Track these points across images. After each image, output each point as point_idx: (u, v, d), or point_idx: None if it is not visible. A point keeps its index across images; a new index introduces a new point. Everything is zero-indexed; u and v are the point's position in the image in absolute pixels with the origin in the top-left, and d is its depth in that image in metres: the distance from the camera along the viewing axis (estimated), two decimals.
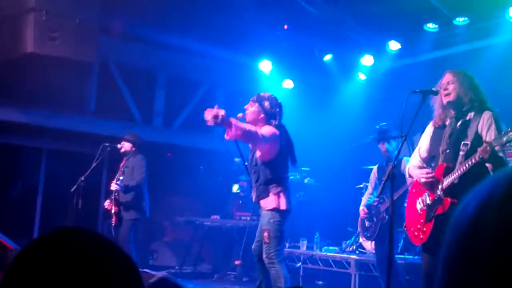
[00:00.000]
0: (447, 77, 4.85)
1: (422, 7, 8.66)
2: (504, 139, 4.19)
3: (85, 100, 10.45)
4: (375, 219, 7.38)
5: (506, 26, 8.36)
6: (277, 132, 5.92)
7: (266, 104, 6.06)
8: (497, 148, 4.38)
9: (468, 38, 9.00)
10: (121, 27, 10.11)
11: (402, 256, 7.63)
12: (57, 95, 9.68)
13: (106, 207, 8.66)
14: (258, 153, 5.96)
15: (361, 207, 7.67)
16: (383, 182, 4.89)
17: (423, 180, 4.78)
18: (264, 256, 5.79)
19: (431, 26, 9.11)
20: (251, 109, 6.07)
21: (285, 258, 6.02)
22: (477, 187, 0.79)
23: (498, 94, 8.38)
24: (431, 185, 4.72)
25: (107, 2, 9.16)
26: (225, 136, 5.74)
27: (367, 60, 10.45)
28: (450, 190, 4.55)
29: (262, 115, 6.04)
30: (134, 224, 8.60)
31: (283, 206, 5.81)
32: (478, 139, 4.53)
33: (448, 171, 4.60)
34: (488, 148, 4.26)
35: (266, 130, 5.88)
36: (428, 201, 4.77)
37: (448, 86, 4.78)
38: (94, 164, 8.66)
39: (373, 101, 10.70)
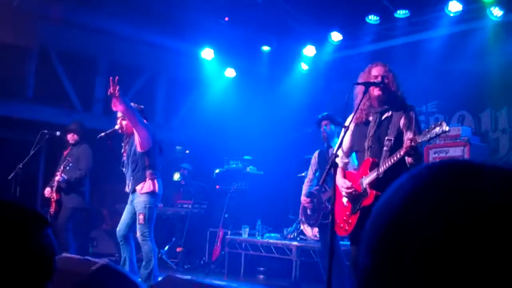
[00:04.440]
0: (380, 69, 4.84)
1: None
2: (428, 136, 4.32)
3: (23, 86, 10.16)
4: (317, 207, 7.47)
5: (445, 19, 8.61)
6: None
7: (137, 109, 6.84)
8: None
9: (408, 31, 9.22)
10: (61, 13, 9.86)
11: (342, 242, 7.77)
12: None
13: (46, 195, 8.49)
14: (137, 143, 6.76)
15: (303, 197, 7.73)
16: (325, 172, 4.95)
17: (343, 193, 4.89)
18: (138, 234, 6.71)
19: (372, 18, 9.28)
20: (124, 122, 6.86)
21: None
22: (399, 180, 0.85)
23: (436, 86, 8.67)
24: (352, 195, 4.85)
25: None
26: (112, 107, 6.63)
27: (309, 50, 10.55)
28: (375, 184, 4.66)
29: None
30: (73, 213, 8.49)
31: (157, 190, 6.77)
32: (400, 135, 4.67)
33: (374, 165, 4.72)
34: (413, 144, 4.40)
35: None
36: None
37: (383, 80, 4.82)
38: (32, 152, 8.47)
39: (315, 91, 10.83)
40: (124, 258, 6.90)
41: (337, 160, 5.11)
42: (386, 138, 4.71)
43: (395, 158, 4.54)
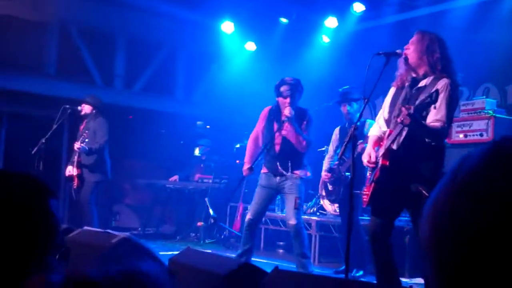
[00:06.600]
0: (413, 37, 4.72)
1: None
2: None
3: (45, 62, 10.20)
4: (337, 183, 7.39)
5: None
6: None
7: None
8: (434, 119, 4.32)
9: (433, 1, 8.99)
10: None
11: (361, 217, 7.69)
12: (16, 57, 9.42)
13: (68, 174, 8.59)
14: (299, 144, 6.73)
15: (323, 172, 7.66)
16: (344, 144, 4.86)
17: (364, 162, 4.76)
18: (293, 221, 6.35)
19: None
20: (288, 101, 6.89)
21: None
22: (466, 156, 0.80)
23: (461, 57, 8.45)
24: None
25: None
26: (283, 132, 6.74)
27: (331, 22, 10.37)
28: (388, 155, 4.49)
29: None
30: (96, 187, 8.63)
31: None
32: (424, 107, 4.35)
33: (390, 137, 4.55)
34: (409, 112, 4.14)
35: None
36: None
37: (409, 46, 4.67)
38: (54, 127, 8.59)
39: (336, 64, 10.66)
40: (250, 246, 6.57)
41: (373, 129, 4.94)
42: None
43: (398, 128, 4.39)
